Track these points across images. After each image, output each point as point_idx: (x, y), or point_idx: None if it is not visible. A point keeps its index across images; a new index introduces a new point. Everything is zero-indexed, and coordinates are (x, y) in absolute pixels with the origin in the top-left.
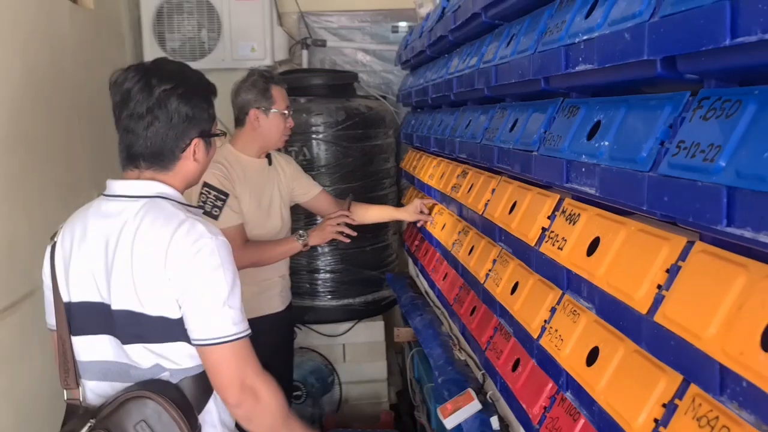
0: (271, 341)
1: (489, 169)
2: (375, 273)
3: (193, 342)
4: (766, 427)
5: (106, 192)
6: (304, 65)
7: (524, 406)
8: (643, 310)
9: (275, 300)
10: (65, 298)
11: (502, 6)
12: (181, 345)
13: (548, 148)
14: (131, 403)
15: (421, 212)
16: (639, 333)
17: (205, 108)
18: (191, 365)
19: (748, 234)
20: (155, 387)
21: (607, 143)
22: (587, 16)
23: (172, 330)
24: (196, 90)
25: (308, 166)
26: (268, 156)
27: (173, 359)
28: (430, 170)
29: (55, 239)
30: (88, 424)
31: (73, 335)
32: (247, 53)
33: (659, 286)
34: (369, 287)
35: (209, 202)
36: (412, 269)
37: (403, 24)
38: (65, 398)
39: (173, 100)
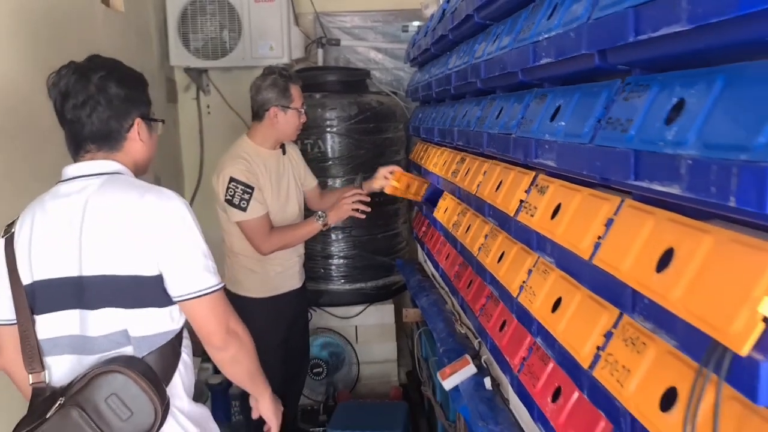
0: (292, 314)
1: (481, 153)
2: (386, 259)
3: (177, 298)
4: (662, 332)
5: (61, 179)
6: (320, 63)
7: (507, 358)
8: (586, 257)
9: (295, 278)
10: (27, 281)
11: (491, 8)
12: (148, 311)
13: (523, 130)
14: (100, 378)
15: (385, 178)
16: (583, 275)
17: (142, 91)
18: (154, 333)
19: (646, 185)
20: (123, 362)
21: (563, 123)
22: (549, 17)
23: (143, 292)
24: (130, 75)
25: (322, 158)
26: (282, 146)
27: (139, 325)
28: (435, 159)
29: (12, 230)
30: (58, 402)
31: (38, 314)
32: (266, 52)
33: (599, 237)
34: (380, 272)
35: (237, 196)
36: (421, 255)
37: (414, 24)
38: (30, 383)
39: (111, 84)
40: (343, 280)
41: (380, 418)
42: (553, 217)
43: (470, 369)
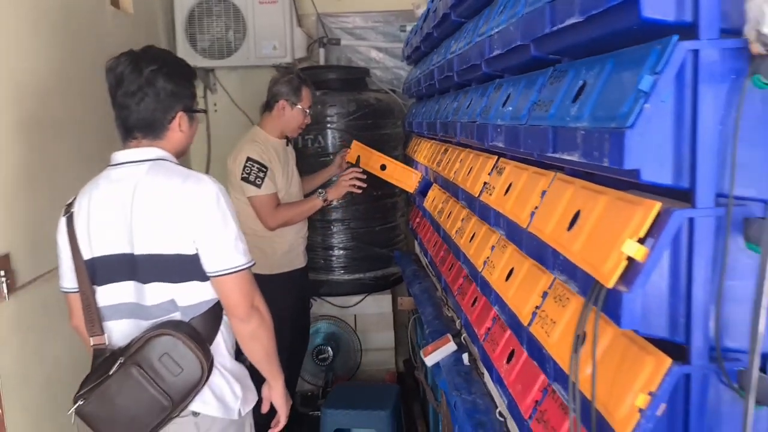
0: (297, 291)
1: (458, 143)
2: (384, 251)
3: (209, 273)
4: (571, 282)
5: (111, 163)
6: (321, 62)
7: (475, 330)
8: (524, 225)
9: (300, 257)
10: (87, 256)
11: (462, 6)
12: (192, 284)
13: (483, 117)
14: (153, 340)
15: (340, 166)
16: (522, 242)
17: (187, 86)
18: (198, 302)
19: (558, 155)
20: (172, 325)
21: (510, 108)
22: (500, 14)
23: (186, 268)
24: (179, 70)
25: (322, 153)
26: (286, 138)
27: (185, 296)
28: (424, 151)
29: (71, 210)
30: (119, 361)
31: (98, 285)
32: (270, 51)
33: (536, 207)
34: (378, 263)
35: (253, 173)
36: (417, 248)
37: (413, 24)
38: (91, 344)
39: (160, 78)
40: (342, 271)
41: (372, 398)
42: (505, 194)
43: (450, 347)
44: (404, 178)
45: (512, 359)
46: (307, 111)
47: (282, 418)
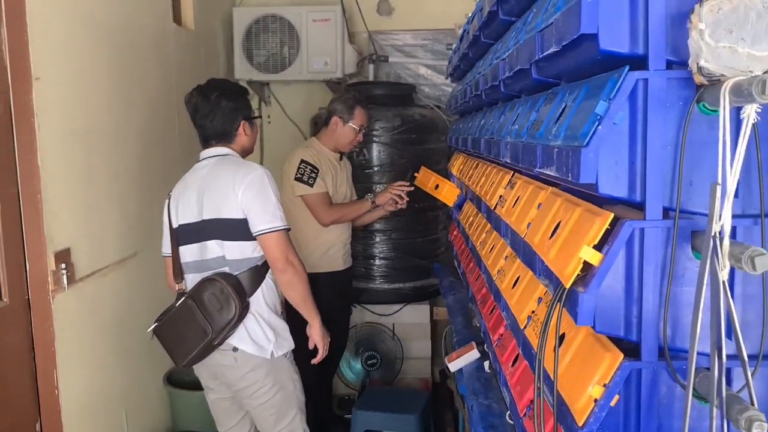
0: (335, 293)
1: (480, 157)
2: (424, 262)
3: (255, 233)
4: (550, 286)
5: (199, 159)
6: (371, 78)
7: (491, 335)
8: (522, 234)
9: (339, 260)
10: (174, 224)
11: (489, 28)
12: (239, 243)
13: (497, 134)
14: (207, 282)
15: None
16: (521, 251)
17: (244, 101)
18: (241, 258)
19: (542, 170)
20: (222, 274)
21: (516, 126)
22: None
23: (235, 229)
24: (235, 91)
25: (367, 165)
26: (341, 153)
27: (232, 252)
28: (460, 167)
29: (170, 193)
30: (183, 298)
31: (180, 245)
32: (321, 67)
33: (532, 218)
34: (418, 274)
35: (306, 174)
36: (455, 260)
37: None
38: (176, 289)
39: (223, 100)
40: (382, 280)
41: (403, 402)
42: (513, 206)
43: (474, 354)
44: (452, 195)
45: (516, 362)
46: (359, 129)
47: (320, 351)
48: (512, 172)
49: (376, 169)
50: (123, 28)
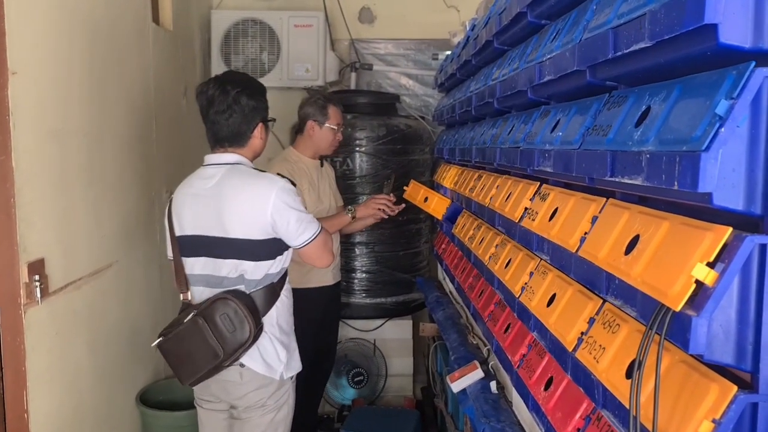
0: (324, 308)
1: (495, 169)
2: (406, 276)
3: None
4: (627, 306)
5: (204, 163)
6: (353, 86)
7: (509, 356)
8: (573, 249)
9: (328, 275)
10: (178, 233)
11: (507, 34)
12: (264, 263)
13: (528, 143)
14: (219, 301)
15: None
16: (571, 266)
17: (264, 101)
18: (260, 277)
19: (618, 180)
20: (235, 294)
21: (561, 133)
22: (553, 40)
23: (263, 249)
24: (257, 89)
25: (350, 175)
26: (321, 159)
27: (252, 272)
28: (455, 177)
29: (171, 197)
30: (192, 314)
31: (184, 257)
32: (302, 74)
33: (585, 233)
34: (400, 289)
35: None
36: (440, 273)
37: (445, 53)
38: (181, 299)
39: (244, 97)
40: (364, 294)
41: (393, 423)
42: (550, 219)
43: (477, 373)
44: (440, 207)
45: (551, 386)
46: (335, 128)
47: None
48: (538, 183)
49: (358, 179)
50: (102, 21)
